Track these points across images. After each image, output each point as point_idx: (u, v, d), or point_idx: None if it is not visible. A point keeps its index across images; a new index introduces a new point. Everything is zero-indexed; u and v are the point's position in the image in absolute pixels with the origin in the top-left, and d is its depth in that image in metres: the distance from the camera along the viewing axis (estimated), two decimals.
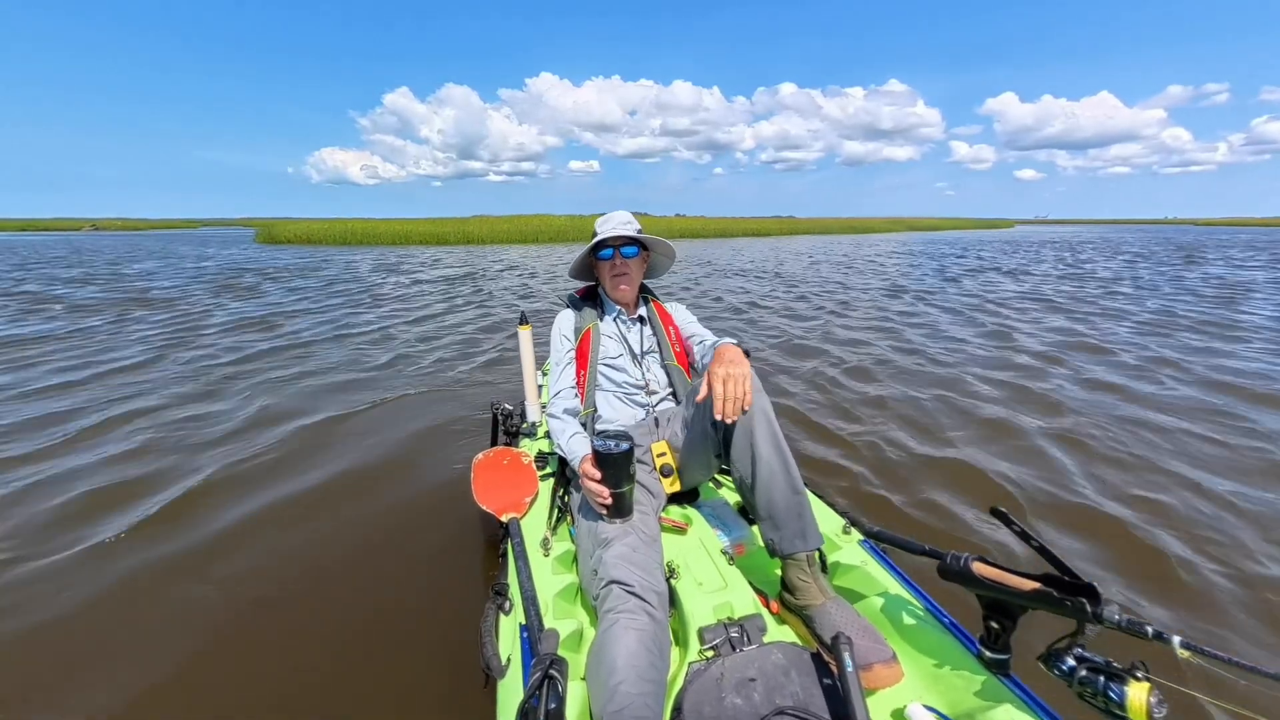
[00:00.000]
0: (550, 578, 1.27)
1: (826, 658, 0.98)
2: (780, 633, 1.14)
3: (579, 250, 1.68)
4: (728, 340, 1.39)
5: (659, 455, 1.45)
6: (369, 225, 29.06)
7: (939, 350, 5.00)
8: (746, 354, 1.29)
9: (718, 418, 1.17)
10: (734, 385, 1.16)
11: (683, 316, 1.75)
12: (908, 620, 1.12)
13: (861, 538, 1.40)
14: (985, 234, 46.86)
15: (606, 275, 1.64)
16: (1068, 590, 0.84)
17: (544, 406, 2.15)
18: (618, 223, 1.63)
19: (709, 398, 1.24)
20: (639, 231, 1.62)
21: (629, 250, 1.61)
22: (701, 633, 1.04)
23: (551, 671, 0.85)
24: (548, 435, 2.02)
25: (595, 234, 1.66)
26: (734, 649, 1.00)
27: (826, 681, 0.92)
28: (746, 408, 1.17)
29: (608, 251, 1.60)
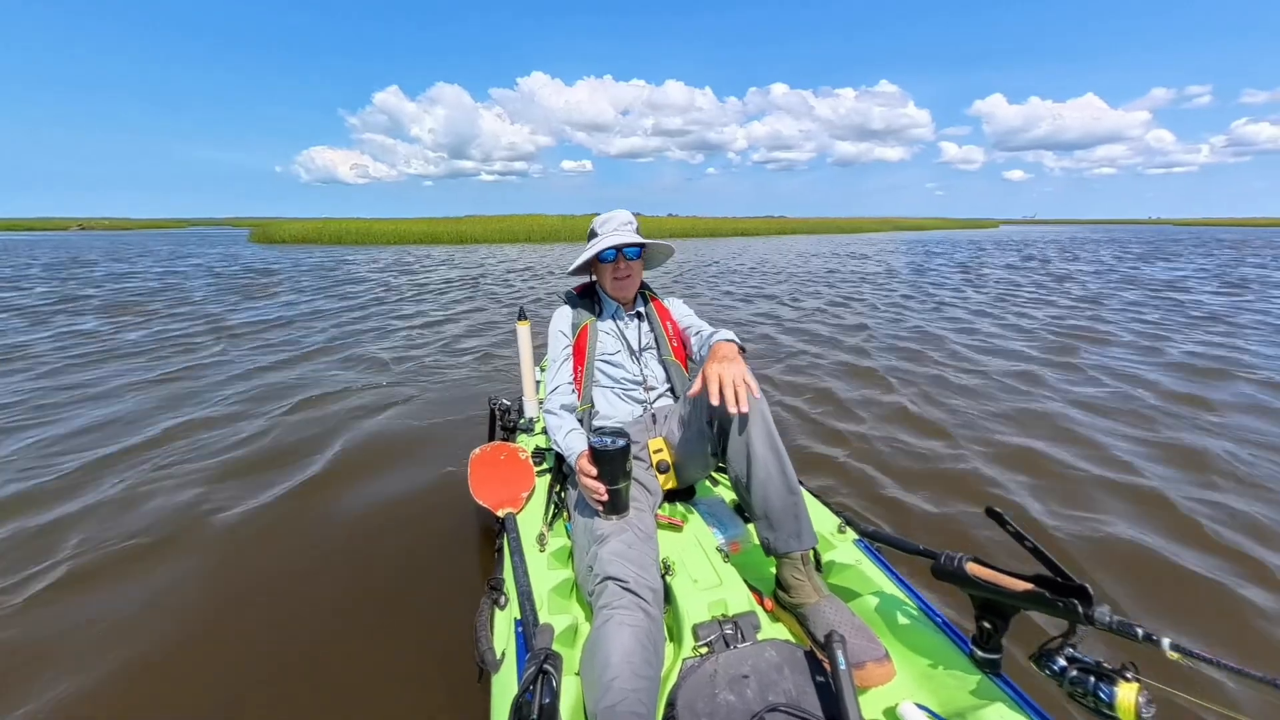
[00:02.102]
0: (546, 573, 1.28)
1: (820, 656, 0.98)
2: (774, 630, 1.14)
3: (574, 248, 1.67)
4: (723, 336, 1.39)
5: (656, 452, 1.45)
6: (364, 225, 29.22)
7: (934, 348, 5.01)
8: (742, 350, 1.29)
9: (730, 410, 1.16)
10: (729, 380, 1.16)
11: (680, 311, 1.75)
12: (901, 619, 1.12)
13: (856, 537, 1.40)
14: (970, 234, 47.02)
15: (609, 277, 1.63)
16: (1060, 591, 0.85)
17: (542, 402, 2.15)
18: (618, 223, 1.62)
19: (702, 394, 1.25)
20: (637, 231, 1.62)
21: (632, 252, 1.60)
22: (696, 629, 1.04)
23: (546, 666, 0.85)
24: (545, 431, 2.02)
25: (593, 232, 1.65)
26: (728, 646, 1.00)
27: (820, 679, 0.92)
28: (755, 395, 1.17)
29: (610, 254, 1.60)
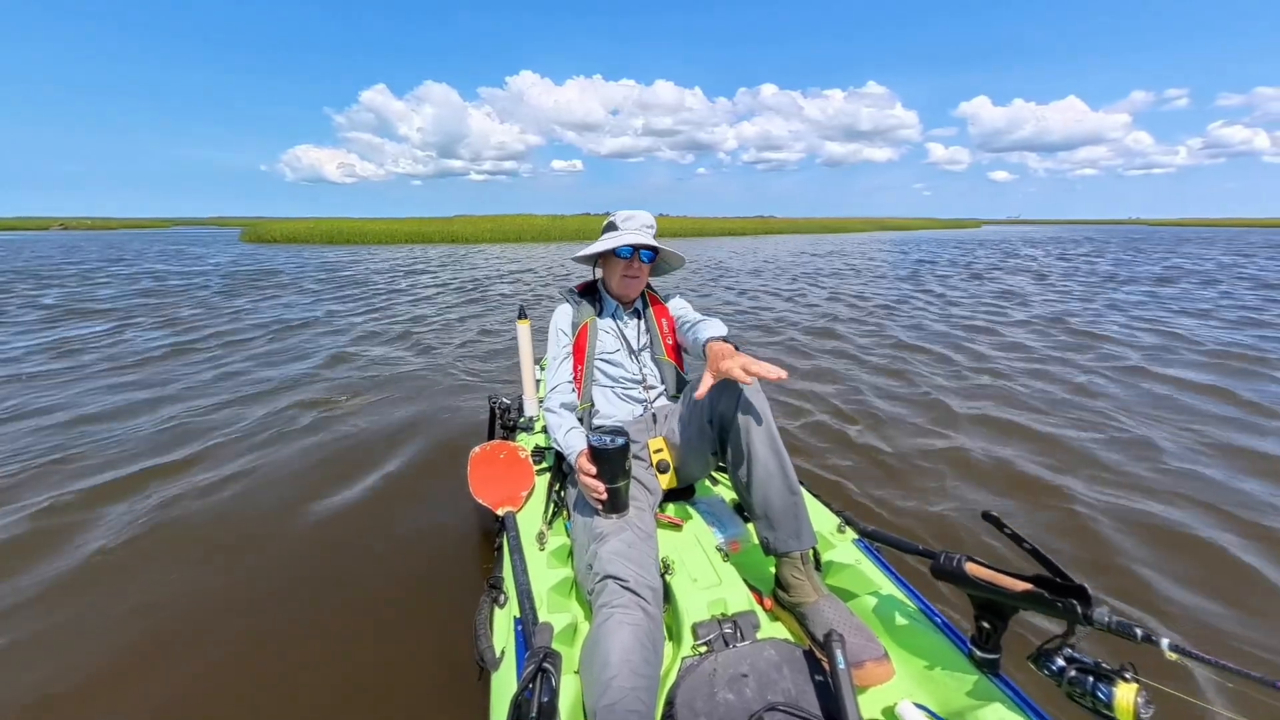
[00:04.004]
0: (545, 572, 1.28)
1: (819, 655, 0.98)
2: (773, 630, 1.14)
3: (566, 248, 1.66)
4: (712, 332, 1.38)
5: (656, 451, 1.45)
6: (355, 224, 29.76)
7: (933, 347, 5.01)
8: (736, 349, 1.29)
9: (746, 381, 1.14)
10: (739, 365, 1.14)
11: (677, 307, 1.74)
12: (900, 619, 1.12)
13: (855, 537, 1.40)
14: (951, 234, 47.70)
15: (618, 272, 1.63)
16: (1059, 591, 0.85)
17: (541, 401, 2.15)
18: (640, 224, 1.61)
19: (705, 395, 1.25)
20: (655, 237, 1.62)
21: (647, 255, 1.60)
22: (695, 628, 1.04)
23: (545, 665, 0.85)
24: (545, 429, 2.02)
25: (612, 224, 1.64)
26: (727, 645, 1.01)
27: (818, 678, 0.92)
28: (755, 370, 1.13)
29: (627, 250, 1.59)
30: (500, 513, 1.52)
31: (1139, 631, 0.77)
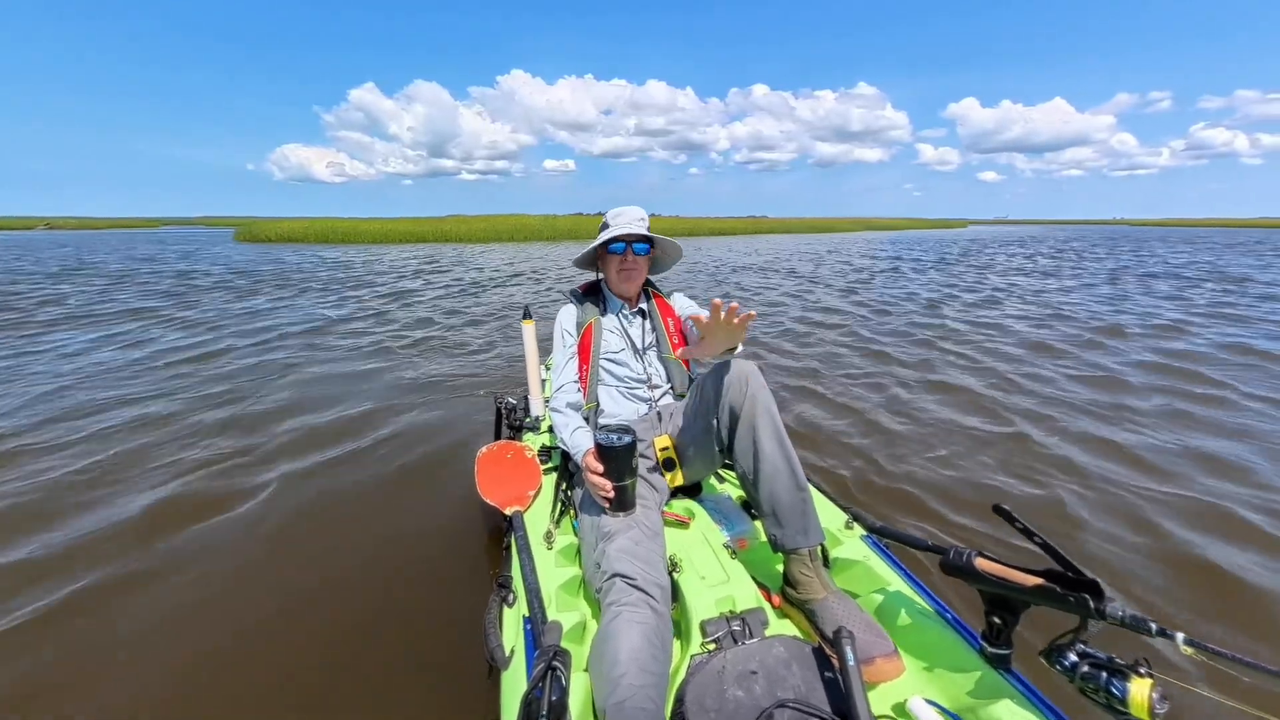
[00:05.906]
0: (553, 570, 1.28)
1: (828, 651, 0.98)
2: (782, 626, 1.14)
3: (559, 248, 1.66)
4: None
5: (662, 449, 1.45)
6: (349, 224, 30.12)
7: (935, 341, 4.98)
8: None
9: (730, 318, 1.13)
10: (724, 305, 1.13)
11: (682, 304, 1.74)
12: (909, 615, 1.12)
13: (864, 533, 1.40)
14: (936, 234, 47.78)
15: (614, 269, 1.64)
16: (1071, 586, 0.84)
17: (547, 400, 2.16)
18: (632, 218, 1.61)
19: (707, 395, 1.29)
20: (649, 230, 1.62)
21: (641, 247, 1.60)
22: (703, 626, 1.04)
23: (555, 663, 0.85)
24: (551, 429, 2.02)
25: (605, 224, 1.65)
26: (736, 642, 1.00)
27: (828, 675, 0.92)
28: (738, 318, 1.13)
29: (620, 246, 1.60)
30: (508, 512, 1.53)
31: (1153, 625, 0.77)
